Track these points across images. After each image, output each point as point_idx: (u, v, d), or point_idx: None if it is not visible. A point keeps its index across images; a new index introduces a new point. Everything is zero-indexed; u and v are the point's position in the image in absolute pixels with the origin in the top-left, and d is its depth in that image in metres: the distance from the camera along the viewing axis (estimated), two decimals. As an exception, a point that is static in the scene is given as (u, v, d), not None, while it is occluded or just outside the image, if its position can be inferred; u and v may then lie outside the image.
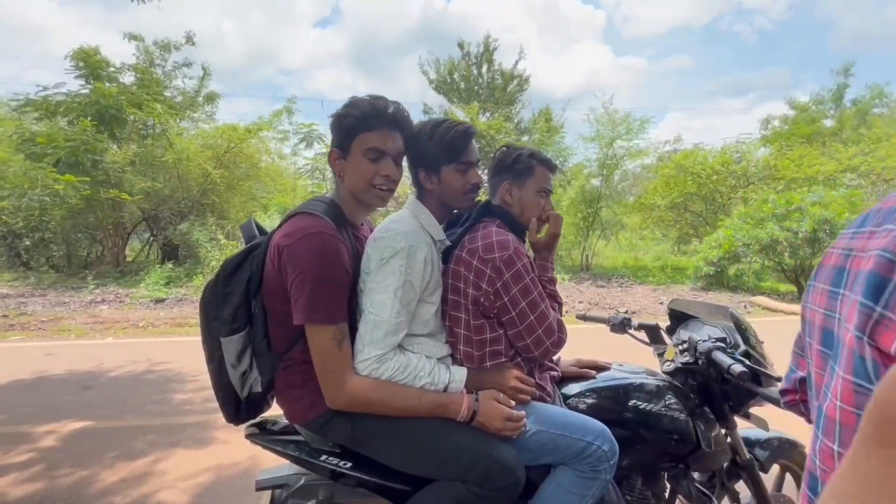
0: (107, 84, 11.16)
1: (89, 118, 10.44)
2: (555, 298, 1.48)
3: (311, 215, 1.26)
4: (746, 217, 10.64)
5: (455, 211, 1.44)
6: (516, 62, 20.39)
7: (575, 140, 26.68)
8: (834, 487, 0.43)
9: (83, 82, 11.29)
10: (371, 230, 1.47)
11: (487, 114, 17.70)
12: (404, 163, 1.43)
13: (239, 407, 1.39)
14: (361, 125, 1.29)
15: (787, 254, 9.50)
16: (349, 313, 1.25)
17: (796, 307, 8.54)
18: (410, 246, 1.26)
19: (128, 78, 11.96)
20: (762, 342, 1.59)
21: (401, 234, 1.27)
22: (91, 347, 5.69)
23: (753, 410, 1.57)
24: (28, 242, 12.03)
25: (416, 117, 1.43)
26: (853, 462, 0.42)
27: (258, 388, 1.34)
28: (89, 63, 11.25)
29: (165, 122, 11.64)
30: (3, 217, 10.74)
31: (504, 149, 1.54)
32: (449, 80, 20.46)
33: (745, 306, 8.90)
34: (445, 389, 1.27)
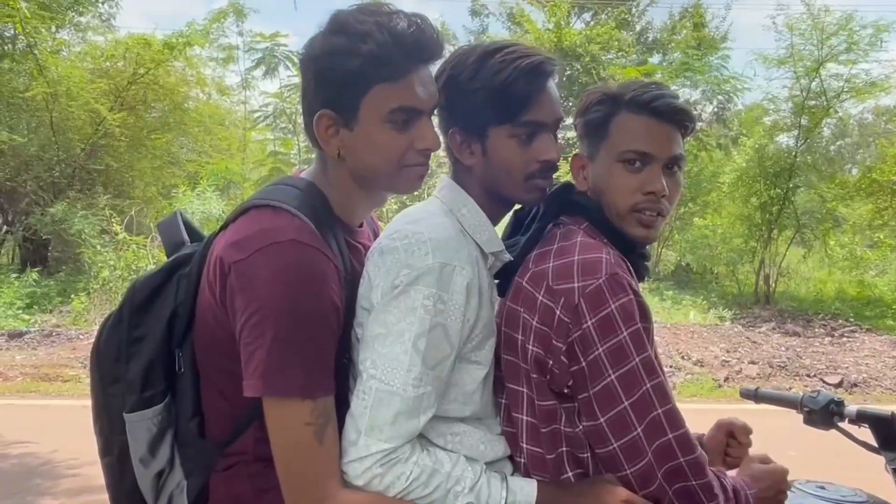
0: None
1: None
2: None
3: (278, 211, 0.95)
4: None
5: (517, 205, 1.12)
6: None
7: (748, 62, 20.16)
8: None
9: None
10: (375, 234, 1.15)
11: (586, 16, 13.65)
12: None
13: None
14: (378, 73, 0.90)
15: None
16: (338, 379, 0.97)
17: None
18: (444, 264, 0.94)
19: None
20: None
21: (427, 242, 0.94)
22: None
23: None
24: None
25: (459, 34, 0.74)
26: None
27: (183, 501, 1.07)
28: None
29: (33, 32, 8.90)
30: None
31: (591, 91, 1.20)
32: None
33: None
34: None
